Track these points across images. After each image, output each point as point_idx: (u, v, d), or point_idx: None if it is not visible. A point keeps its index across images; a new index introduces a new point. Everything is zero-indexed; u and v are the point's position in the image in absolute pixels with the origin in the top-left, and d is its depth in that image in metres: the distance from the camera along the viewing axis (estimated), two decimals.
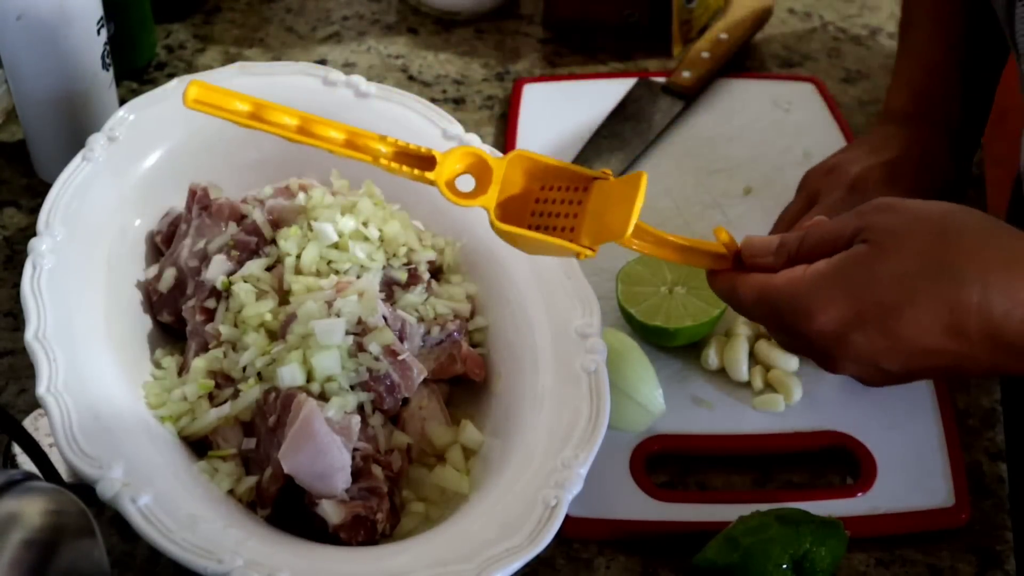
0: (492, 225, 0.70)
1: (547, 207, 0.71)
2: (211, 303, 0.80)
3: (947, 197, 0.71)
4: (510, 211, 0.71)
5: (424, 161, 0.70)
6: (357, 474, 0.73)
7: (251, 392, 0.75)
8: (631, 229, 0.66)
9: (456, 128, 0.89)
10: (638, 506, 0.78)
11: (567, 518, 0.71)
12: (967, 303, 0.61)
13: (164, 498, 0.68)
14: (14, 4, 0.87)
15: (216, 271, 0.80)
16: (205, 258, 0.81)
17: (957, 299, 0.61)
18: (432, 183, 0.69)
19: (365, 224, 0.82)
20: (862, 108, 1.10)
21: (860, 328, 0.63)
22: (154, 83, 1.05)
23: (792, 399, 0.84)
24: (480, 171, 0.71)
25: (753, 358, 0.86)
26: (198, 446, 0.76)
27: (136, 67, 1.08)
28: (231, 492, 0.74)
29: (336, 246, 0.81)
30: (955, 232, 0.63)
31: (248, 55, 1.12)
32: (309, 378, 0.74)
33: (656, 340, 0.86)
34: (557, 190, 0.71)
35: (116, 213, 0.83)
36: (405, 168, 0.70)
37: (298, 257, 0.80)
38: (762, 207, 0.98)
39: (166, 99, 0.89)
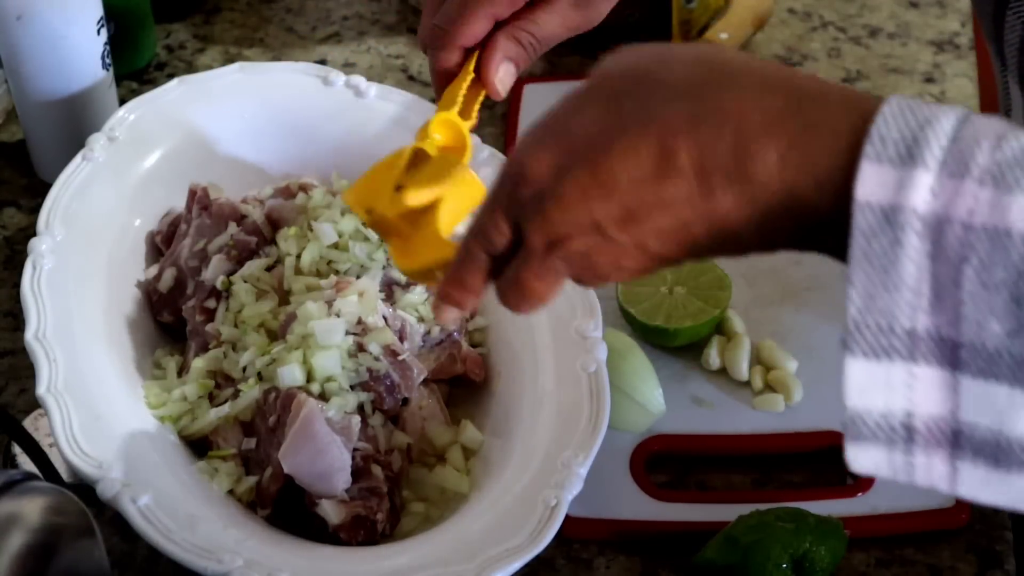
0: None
1: None
2: (211, 303, 0.80)
3: None
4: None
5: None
6: (357, 474, 0.73)
7: (251, 392, 0.75)
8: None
9: None
10: (638, 506, 0.78)
11: (567, 518, 0.71)
12: (675, 122, 0.49)
13: (164, 498, 0.68)
14: (14, 4, 0.87)
15: (216, 271, 0.80)
16: (205, 258, 0.81)
17: (665, 118, 0.49)
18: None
19: (365, 224, 0.82)
20: None
21: (569, 172, 0.51)
22: (154, 83, 1.05)
23: (792, 399, 0.84)
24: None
25: (753, 358, 0.86)
26: (198, 446, 0.76)
27: (136, 67, 1.08)
28: (231, 492, 0.74)
29: (336, 246, 0.81)
30: (675, 50, 0.53)
31: (248, 55, 1.12)
32: (309, 378, 0.74)
33: (656, 340, 0.86)
34: None
35: (116, 213, 0.83)
36: None
37: (298, 257, 0.80)
38: None
39: (166, 99, 0.89)
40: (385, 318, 0.77)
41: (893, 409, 0.44)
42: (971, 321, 0.43)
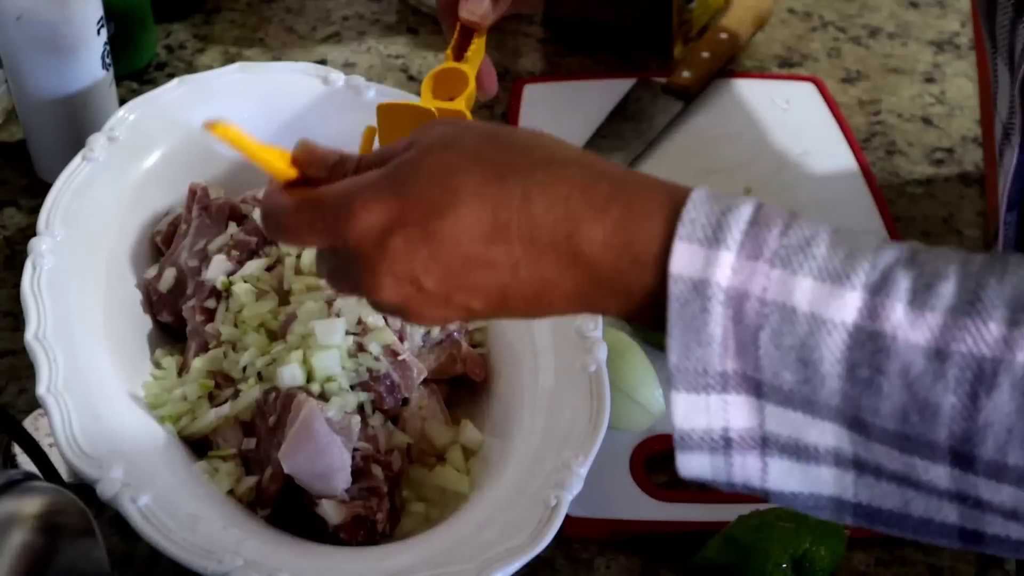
0: None
1: None
2: (211, 303, 0.80)
3: None
4: None
5: None
6: (357, 474, 0.73)
7: (251, 392, 0.75)
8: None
9: None
10: (638, 506, 0.78)
11: (567, 518, 0.71)
12: (509, 199, 0.55)
13: (164, 498, 0.68)
14: (14, 4, 0.87)
15: (216, 271, 0.80)
16: (205, 258, 0.81)
17: (499, 195, 0.55)
18: None
19: None
20: (862, 108, 1.10)
21: (401, 229, 0.56)
22: (154, 83, 1.05)
23: None
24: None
25: None
26: (198, 446, 0.76)
27: (136, 67, 1.08)
28: (231, 492, 0.74)
29: None
30: (506, 134, 0.59)
31: (248, 55, 1.12)
32: (309, 378, 0.74)
33: (656, 340, 0.86)
34: None
35: (116, 213, 0.83)
36: None
37: (298, 257, 0.80)
38: None
39: (166, 99, 0.89)
40: (385, 318, 0.77)
41: (713, 426, 0.53)
42: (768, 370, 0.51)
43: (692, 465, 0.54)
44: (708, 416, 0.53)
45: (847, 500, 0.54)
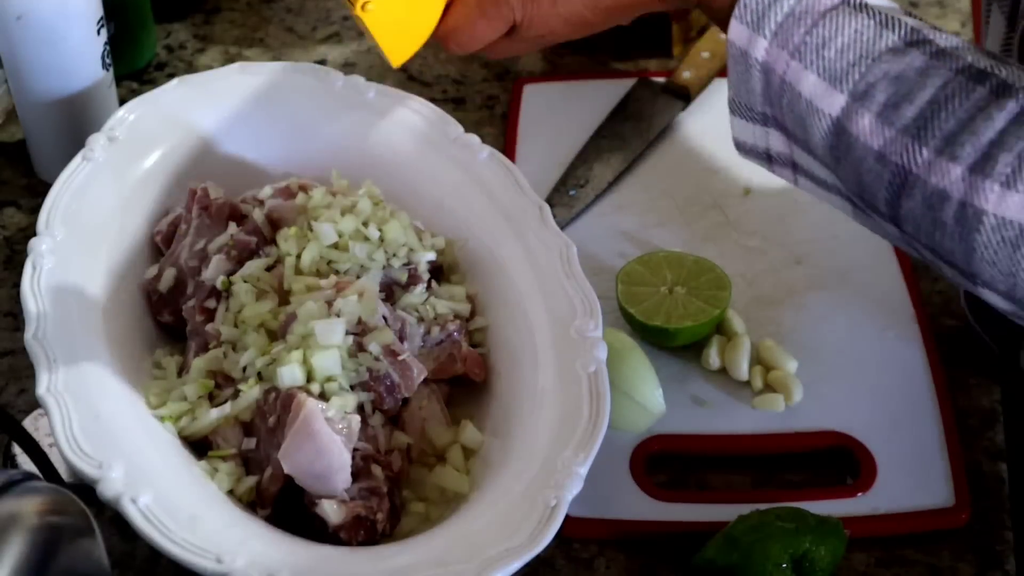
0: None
1: None
2: (211, 303, 0.80)
3: None
4: None
5: None
6: (357, 474, 0.73)
7: (251, 392, 0.75)
8: None
9: (456, 128, 0.89)
10: (638, 506, 0.78)
11: (567, 518, 0.71)
12: None
13: (164, 498, 0.68)
14: (14, 4, 0.87)
15: (216, 271, 0.80)
16: (205, 258, 0.81)
17: None
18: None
19: (365, 224, 0.82)
20: None
21: None
22: (154, 83, 1.05)
23: (792, 399, 0.84)
24: None
25: (753, 358, 0.86)
26: (198, 446, 0.76)
27: (136, 67, 1.08)
28: (231, 492, 0.74)
29: (336, 246, 0.81)
30: None
31: (248, 55, 1.12)
32: (309, 378, 0.74)
33: (656, 340, 0.86)
34: None
35: (116, 213, 0.83)
36: None
37: (298, 257, 0.80)
38: (762, 207, 0.98)
39: (166, 99, 0.89)
40: (385, 318, 0.77)
41: (758, 144, 0.72)
42: (788, 122, 0.69)
43: (749, 160, 0.74)
44: (754, 137, 0.71)
45: (851, 213, 0.71)
